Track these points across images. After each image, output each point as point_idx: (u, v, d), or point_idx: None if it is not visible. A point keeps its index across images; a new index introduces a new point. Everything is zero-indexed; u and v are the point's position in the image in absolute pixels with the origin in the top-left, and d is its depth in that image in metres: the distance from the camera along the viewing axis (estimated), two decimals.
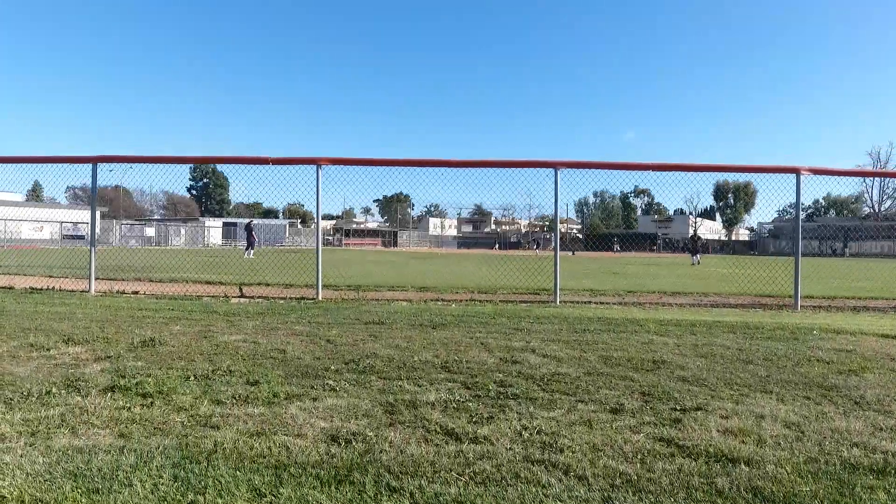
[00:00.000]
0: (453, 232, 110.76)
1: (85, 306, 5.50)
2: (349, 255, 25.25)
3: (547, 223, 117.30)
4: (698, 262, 22.03)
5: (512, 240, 77.99)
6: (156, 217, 66.91)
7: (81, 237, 35.47)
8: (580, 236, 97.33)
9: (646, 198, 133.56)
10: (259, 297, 6.89)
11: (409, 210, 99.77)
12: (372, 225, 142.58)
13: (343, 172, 7.13)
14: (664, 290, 9.02)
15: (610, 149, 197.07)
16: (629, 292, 8.67)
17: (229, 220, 55.25)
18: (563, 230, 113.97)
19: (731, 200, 79.45)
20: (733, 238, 79.24)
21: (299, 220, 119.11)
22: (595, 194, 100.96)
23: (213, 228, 48.88)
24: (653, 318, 5.46)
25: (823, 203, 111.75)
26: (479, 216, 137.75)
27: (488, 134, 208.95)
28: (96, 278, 7.17)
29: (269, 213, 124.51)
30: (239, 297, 6.97)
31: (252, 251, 22.39)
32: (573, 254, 43.91)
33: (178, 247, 45.77)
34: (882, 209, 69.45)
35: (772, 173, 7.12)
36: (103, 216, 53.14)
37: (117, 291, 7.03)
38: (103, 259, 8.86)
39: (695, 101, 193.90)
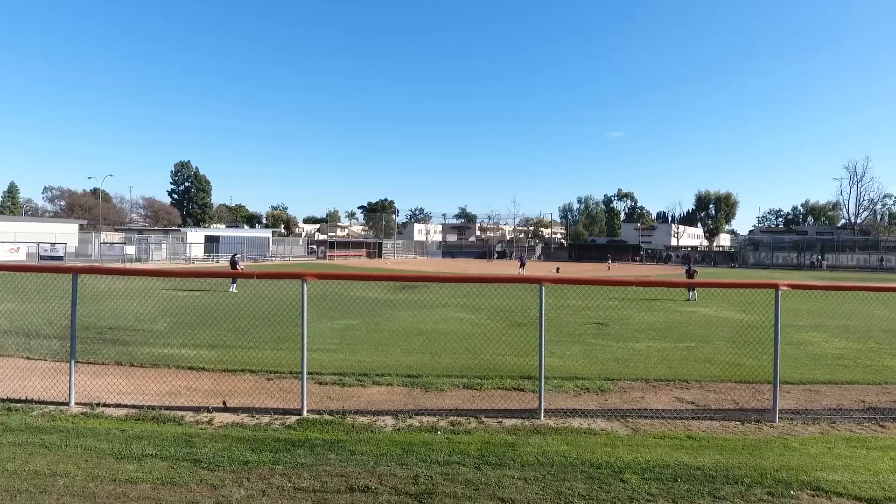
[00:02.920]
0: (438, 237, 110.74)
1: (57, 450, 5.40)
2: (331, 290, 25.03)
3: (531, 228, 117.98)
4: (695, 298, 22.28)
5: (497, 249, 78.11)
6: (136, 227, 65.80)
7: (60, 258, 34.81)
8: (564, 242, 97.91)
9: (629, 201, 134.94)
10: (242, 411, 6.82)
11: (393, 217, 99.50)
12: (357, 228, 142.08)
13: (328, 180, 7.06)
14: (648, 375, 9.10)
15: (596, 147, 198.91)
16: (612, 381, 8.74)
17: (211, 232, 54.58)
18: (546, 235, 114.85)
19: (713, 211, 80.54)
20: (714, 247, 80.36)
21: (283, 226, 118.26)
22: (579, 200, 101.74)
23: (196, 245, 48.23)
24: (636, 461, 5.51)
25: (802, 210, 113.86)
26: (465, 221, 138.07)
27: (473, 129, 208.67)
28: (76, 361, 7.03)
29: (252, 218, 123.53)
30: (223, 409, 6.89)
31: (235, 284, 22.32)
32: (557, 271, 44.14)
33: (160, 261, 45.18)
34: (858, 221, 70.90)
35: (754, 288, 7.22)
36: (82, 228, 52.25)
37: (97, 404, 6.91)
38: (85, 307, 8.61)
39: (682, 103, 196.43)
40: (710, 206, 79.27)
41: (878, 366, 10.44)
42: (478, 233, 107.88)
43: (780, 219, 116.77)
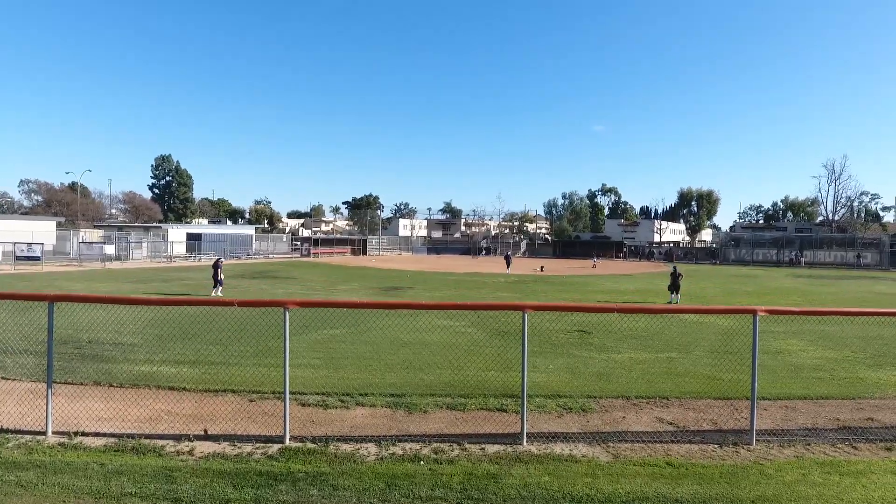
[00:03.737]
0: (423, 233, 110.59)
1: (34, 489, 5.33)
2: (316, 296, 24.91)
3: (516, 224, 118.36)
4: (677, 301, 22.57)
5: (482, 245, 78.21)
6: (116, 224, 64.69)
7: (38, 258, 34.13)
8: (548, 238, 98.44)
9: (613, 196, 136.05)
10: (224, 439, 6.78)
11: (378, 212, 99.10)
12: (341, 223, 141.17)
13: (312, 174, 7.03)
14: (629, 392, 9.21)
15: (579, 141, 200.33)
16: (594, 398, 8.83)
17: (193, 230, 53.88)
18: (531, 230, 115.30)
19: (695, 208, 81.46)
20: (696, 243, 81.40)
21: (266, 221, 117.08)
22: (563, 196, 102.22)
23: (177, 244, 47.58)
24: (616, 494, 5.58)
25: (781, 206, 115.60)
26: (450, 216, 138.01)
27: (458, 123, 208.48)
28: (54, 381, 6.93)
29: (235, 213, 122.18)
30: (204, 436, 6.84)
31: (220, 288, 22.13)
32: (542, 269, 44.36)
33: (141, 260, 44.51)
34: (836, 218, 72.25)
35: (731, 314, 7.33)
36: (60, 226, 51.26)
37: (75, 433, 6.82)
38: (63, 318, 8.45)
39: (664, 98, 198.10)
40: (693, 203, 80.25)
41: (853, 378, 10.67)
42: (463, 228, 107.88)
43: (761, 214, 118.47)
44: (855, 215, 73.08)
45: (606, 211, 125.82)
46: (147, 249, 46.15)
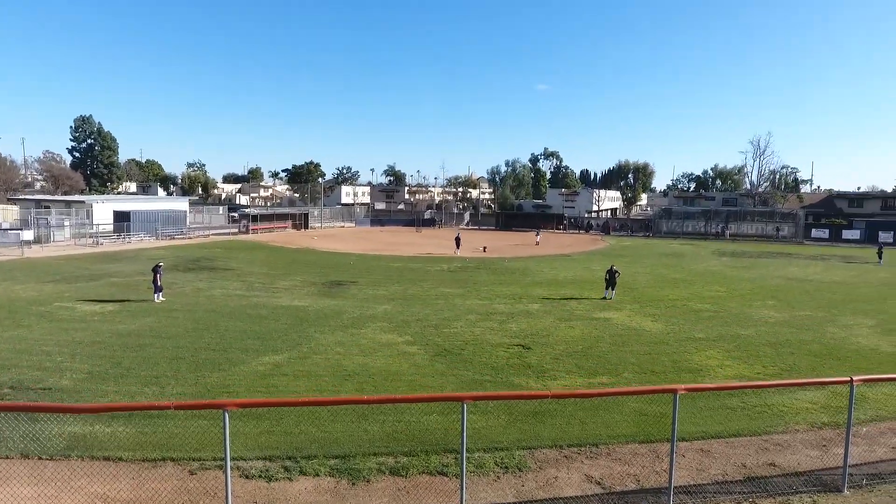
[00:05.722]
0: (367, 199, 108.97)
1: None
2: (255, 300, 24.41)
3: (459, 191, 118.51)
4: (611, 298, 23.58)
5: (426, 216, 78.12)
6: (32, 198, 60.08)
7: None
8: (492, 206, 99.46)
9: (555, 160, 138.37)
10: None
11: (319, 181, 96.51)
12: (281, 188, 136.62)
13: (248, 134, 7.02)
14: (562, 439, 9.73)
15: (523, 99, 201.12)
16: (529, 450, 9.30)
17: (120, 205, 50.87)
18: (475, 196, 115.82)
19: (631, 180, 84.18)
20: (632, 214, 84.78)
21: (200, 188, 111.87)
22: (507, 163, 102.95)
23: (104, 224, 44.83)
24: None
25: (711, 174, 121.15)
26: (394, 180, 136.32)
27: (401, 85, 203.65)
28: None
29: (167, 180, 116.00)
30: None
31: (160, 294, 21.30)
32: (484, 250, 44.96)
33: (63, 243, 41.89)
34: (759, 190, 76.57)
35: (653, 394, 7.86)
36: None
37: None
38: None
39: (606, 58, 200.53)
40: (629, 175, 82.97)
41: (762, 406, 11.67)
42: (406, 196, 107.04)
43: (693, 182, 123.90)
44: (776, 186, 77.63)
45: (549, 176, 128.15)
46: (70, 231, 43.33)
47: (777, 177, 76.65)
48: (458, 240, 44.32)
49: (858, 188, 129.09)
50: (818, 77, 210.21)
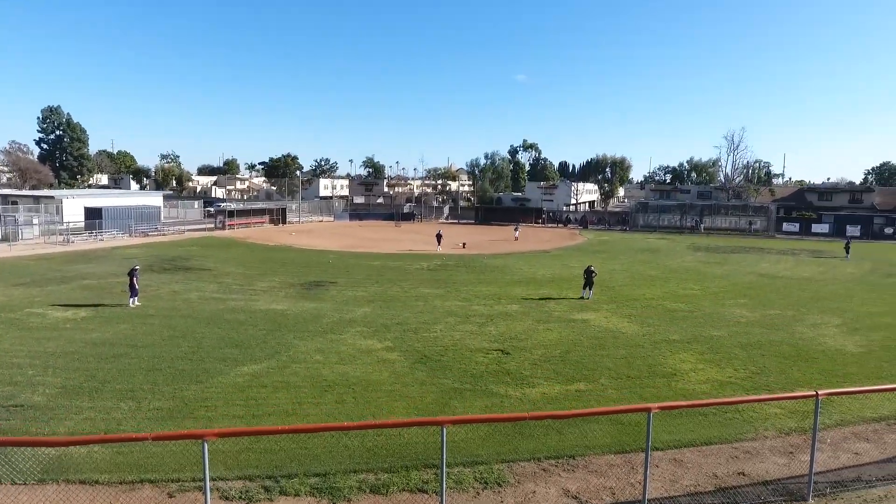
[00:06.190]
0: (345, 192, 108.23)
1: None
2: (233, 304, 24.15)
3: (439, 183, 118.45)
4: (589, 297, 23.90)
5: (405, 210, 77.94)
6: None
7: None
8: (472, 199, 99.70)
9: (534, 152, 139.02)
10: None
11: (297, 173, 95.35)
12: (258, 180, 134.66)
13: (223, 125, 7.01)
14: (539, 451, 9.90)
15: (502, 90, 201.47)
16: (508, 464, 9.45)
17: (92, 201, 49.64)
18: (454, 189, 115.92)
19: (609, 174, 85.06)
20: (610, 207, 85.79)
21: (174, 181, 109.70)
22: (486, 156, 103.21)
23: (75, 221, 43.75)
24: None
25: (687, 166, 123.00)
26: (373, 172, 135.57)
27: (380, 76, 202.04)
28: None
29: (140, 172, 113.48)
30: None
31: (136, 298, 20.96)
32: (464, 246, 45.12)
33: (32, 242, 40.84)
34: (734, 184, 78.00)
35: (627, 413, 8.04)
36: None
37: None
38: None
39: (585, 47, 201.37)
40: (607, 169, 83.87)
41: (732, 412, 11.98)
42: (385, 189, 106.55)
43: (669, 174, 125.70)
44: (749, 180, 79.17)
45: (528, 167, 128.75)
46: (39, 229, 42.22)
47: (750, 171, 78.13)
48: (439, 236, 44.37)
49: (828, 179, 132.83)
50: (792, 69, 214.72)
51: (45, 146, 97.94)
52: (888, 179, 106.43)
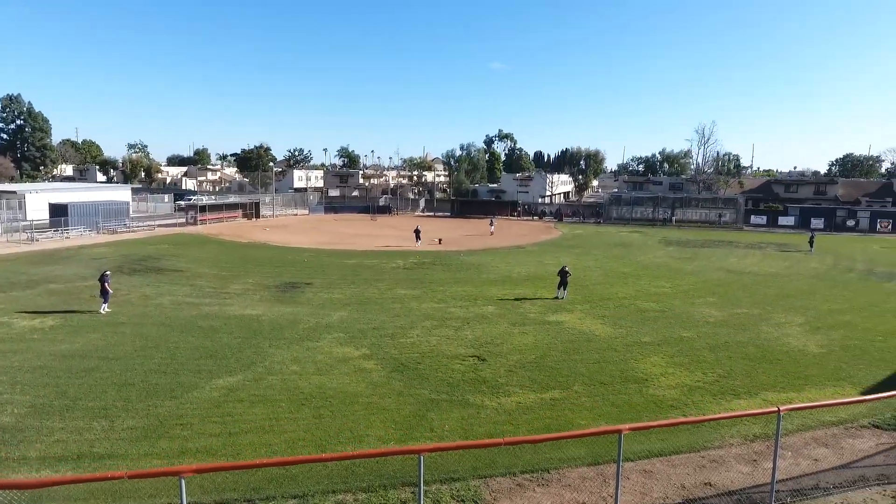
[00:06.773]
0: (320, 184, 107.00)
1: None
2: (206, 310, 23.83)
3: (414, 175, 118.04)
4: (564, 297, 24.25)
5: (381, 203, 77.56)
6: None
7: None
8: (447, 190, 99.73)
9: (509, 142, 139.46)
10: None
11: (270, 164, 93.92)
12: (230, 171, 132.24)
13: (192, 113, 7.03)
14: (515, 466, 10.12)
15: (478, 78, 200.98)
16: (484, 479, 9.64)
17: (56, 197, 48.18)
18: (430, 179, 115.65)
19: (583, 166, 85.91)
20: (584, 198, 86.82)
21: (143, 172, 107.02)
22: (462, 147, 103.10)
23: (39, 219, 42.45)
24: None
25: (659, 157, 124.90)
26: (347, 161, 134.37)
27: (354, 65, 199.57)
28: None
29: (107, 164, 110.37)
30: None
31: (107, 305, 20.55)
32: (440, 241, 45.14)
33: None
34: (704, 176, 79.56)
35: (599, 435, 8.28)
36: None
37: None
38: None
39: (561, 39, 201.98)
40: (581, 161, 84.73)
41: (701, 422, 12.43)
42: (361, 181, 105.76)
43: (642, 164, 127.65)
44: (718, 172, 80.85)
45: (503, 158, 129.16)
46: (2, 228, 40.86)
47: (720, 163, 79.78)
48: (417, 232, 44.26)
49: (795, 167, 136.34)
50: (760, 60, 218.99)
51: (4, 137, 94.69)
52: (850, 171, 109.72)
